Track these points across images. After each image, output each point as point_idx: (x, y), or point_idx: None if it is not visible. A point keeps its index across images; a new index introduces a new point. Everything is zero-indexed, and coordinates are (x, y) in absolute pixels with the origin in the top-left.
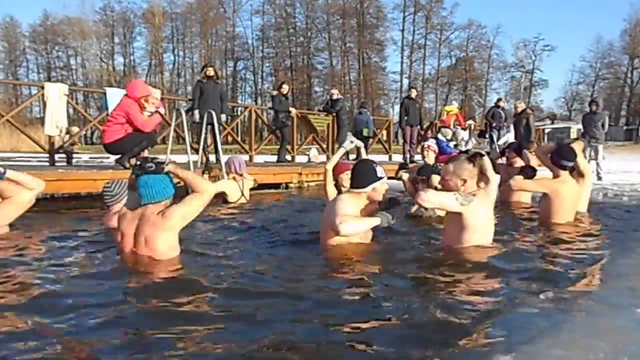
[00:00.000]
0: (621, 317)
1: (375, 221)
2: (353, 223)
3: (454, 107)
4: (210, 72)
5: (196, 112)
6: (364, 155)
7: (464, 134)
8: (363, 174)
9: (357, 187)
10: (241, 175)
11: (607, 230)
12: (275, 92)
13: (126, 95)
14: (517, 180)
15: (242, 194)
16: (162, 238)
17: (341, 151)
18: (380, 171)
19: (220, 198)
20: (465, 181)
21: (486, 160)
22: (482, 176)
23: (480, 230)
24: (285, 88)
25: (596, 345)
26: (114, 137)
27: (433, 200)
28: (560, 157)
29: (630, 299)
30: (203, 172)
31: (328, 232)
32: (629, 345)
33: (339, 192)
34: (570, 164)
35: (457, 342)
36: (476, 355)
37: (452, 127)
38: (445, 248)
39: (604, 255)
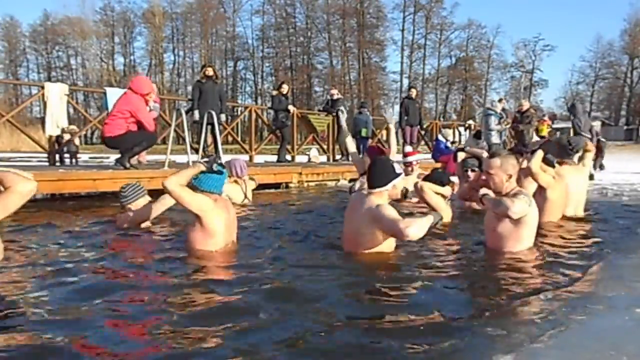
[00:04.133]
0: (621, 317)
1: (431, 219)
2: (418, 225)
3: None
4: (209, 72)
5: (196, 112)
6: (392, 141)
7: (464, 134)
8: (382, 172)
9: (379, 186)
10: (242, 178)
11: (607, 230)
12: (275, 92)
13: (132, 90)
14: (535, 165)
15: (245, 196)
16: None
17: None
18: (397, 167)
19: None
20: (510, 176)
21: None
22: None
23: (535, 225)
24: (285, 88)
25: (596, 345)
26: (116, 131)
27: (521, 211)
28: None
29: (629, 299)
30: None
31: (358, 238)
32: (628, 345)
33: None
34: (554, 160)
35: (457, 342)
36: (476, 355)
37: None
38: (495, 246)
39: (603, 256)
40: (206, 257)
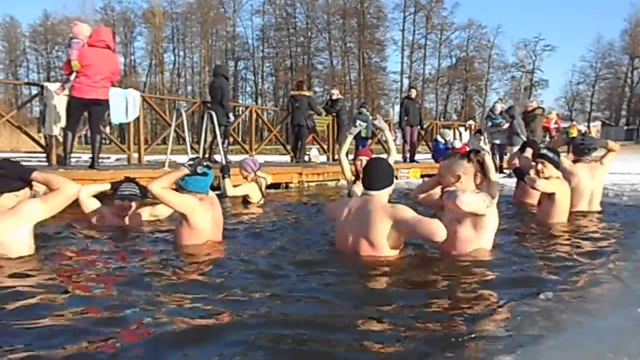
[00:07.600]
0: (621, 317)
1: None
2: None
3: (554, 114)
4: None
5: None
6: (389, 140)
7: (465, 134)
8: (386, 172)
9: (386, 186)
10: (257, 175)
11: (607, 230)
12: (301, 93)
13: (111, 50)
14: (539, 181)
15: (262, 195)
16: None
17: (349, 138)
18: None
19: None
20: (459, 177)
21: (487, 159)
22: (484, 176)
23: (494, 230)
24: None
25: (596, 345)
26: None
27: (471, 202)
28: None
29: (630, 299)
30: (220, 170)
31: (372, 240)
32: (629, 345)
33: (356, 177)
34: (558, 159)
35: (457, 342)
36: (476, 355)
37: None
38: (455, 251)
39: (603, 256)
40: (195, 253)
